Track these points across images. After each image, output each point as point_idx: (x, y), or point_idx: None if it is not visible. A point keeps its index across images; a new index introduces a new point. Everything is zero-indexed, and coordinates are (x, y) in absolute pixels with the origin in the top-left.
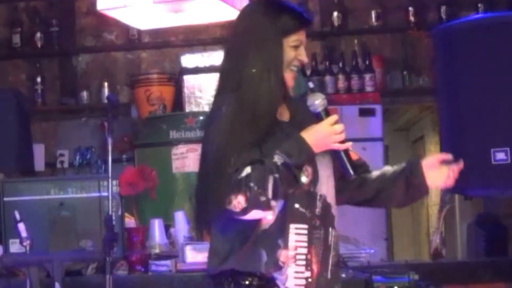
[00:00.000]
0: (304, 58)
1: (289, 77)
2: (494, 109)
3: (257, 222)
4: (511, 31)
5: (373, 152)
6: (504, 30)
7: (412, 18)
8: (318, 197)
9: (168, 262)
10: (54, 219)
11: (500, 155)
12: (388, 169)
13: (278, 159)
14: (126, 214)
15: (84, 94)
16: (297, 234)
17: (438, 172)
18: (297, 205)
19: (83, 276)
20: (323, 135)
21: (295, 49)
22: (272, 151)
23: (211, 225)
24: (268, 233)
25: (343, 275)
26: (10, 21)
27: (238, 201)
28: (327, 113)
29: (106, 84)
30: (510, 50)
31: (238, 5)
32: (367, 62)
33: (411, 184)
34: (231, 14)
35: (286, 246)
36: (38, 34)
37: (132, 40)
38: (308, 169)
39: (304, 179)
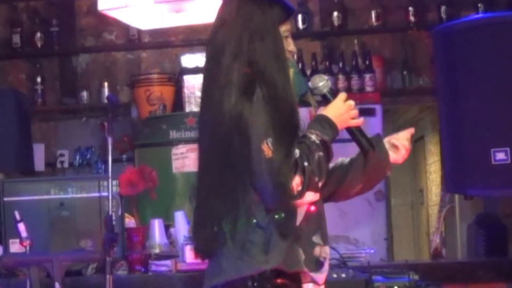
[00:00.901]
0: (293, 48)
1: None
2: (494, 109)
3: (290, 218)
4: (511, 31)
5: None
6: (504, 30)
7: (412, 18)
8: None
9: (168, 262)
10: (54, 219)
11: (500, 155)
12: (344, 159)
13: (315, 137)
14: (126, 214)
15: (84, 94)
16: (323, 232)
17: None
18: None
19: (83, 276)
20: (341, 111)
21: (285, 40)
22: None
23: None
24: (302, 229)
25: (343, 275)
26: (10, 21)
27: (296, 183)
28: (333, 93)
29: (106, 84)
30: (510, 50)
31: None
32: (367, 62)
33: (374, 161)
34: None
35: (325, 243)
36: (38, 34)
37: (132, 40)
38: None
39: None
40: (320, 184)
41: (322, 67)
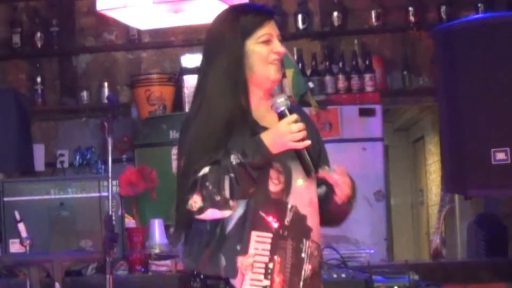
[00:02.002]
0: (280, 49)
1: (272, 71)
2: (494, 109)
3: (218, 226)
4: (511, 31)
5: (373, 152)
6: (504, 30)
7: (412, 18)
8: (289, 207)
9: (168, 262)
10: (54, 219)
11: (500, 155)
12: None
13: (233, 158)
14: (126, 214)
15: (84, 94)
16: (258, 242)
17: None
18: (262, 213)
19: (83, 276)
20: (279, 134)
21: (267, 44)
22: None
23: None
24: (228, 237)
25: (343, 275)
26: (10, 21)
27: (194, 200)
28: (290, 113)
29: (106, 84)
30: (510, 50)
31: None
32: (367, 62)
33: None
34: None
35: (245, 252)
36: (38, 34)
37: (132, 40)
38: (280, 178)
39: (272, 187)
40: (231, 203)
41: (322, 67)
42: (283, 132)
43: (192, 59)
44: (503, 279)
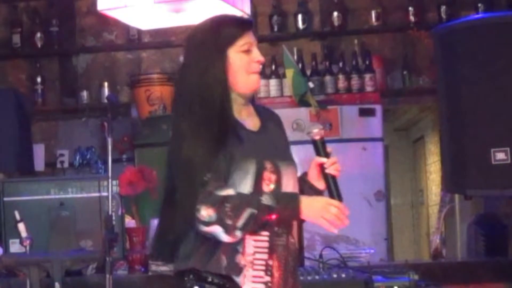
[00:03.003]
0: (260, 58)
1: (253, 80)
2: (494, 109)
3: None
4: (511, 31)
5: (373, 152)
6: (504, 30)
7: (412, 18)
8: None
9: None
10: (54, 219)
11: (500, 155)
12: None
13: (265, 198)
14: (126, 214)
15: (84, 94)
16: (255, 241)
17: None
18: None
19: (83, 276)
20: (318, 207)
21: (248, 53)
22: (240, 161)
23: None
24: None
25: (343, 275)
26: (10, 21)
27: (207, 213)
28: (323, 145)
29: (106, 84)
30: (510, 50)
31: (239, 5)
32: (367, 62)
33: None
34: (232, 13)
35: (244, 252)
36: (38, 34)
37: (132, 40)
38: (272, 178)
39: (265, 187)
40: (237, 234)
41: (322, 67)
42: (322, 208)
43: None
44: (503, 279)
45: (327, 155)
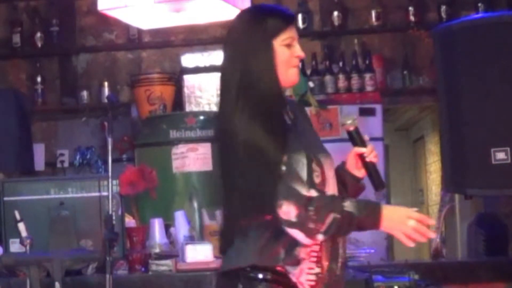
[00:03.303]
0: (301, 53)
1: (293, 74)
2: (494, 109)
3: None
4: (511, 31)
5: None
6: (504, 30)
7: (412, 18)
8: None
9: (168, 261)
10: (54, 218)
11: (500, 155)
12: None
13: (349, 205)
14: (126, 214)
15: (84, 94)
16: None
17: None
18: None
19: (83, 276)
20: (398, 219)
21: (289, 47)
22: (293, 153)
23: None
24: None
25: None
26: (10, 21)
27: (289, 211)
28: (359, 134)
29: (106, 84)
30: (510, 50)
31: (239, 5)
32: (367, 62)
33: (346, 184)
34: (232, 13)
35: (304, 244)
36: (38, 34)
37: (132, 39)
38: (317, 169)
39: (316, 179)
40: (320, 237)
41: (322, 67)
42: (400, 222)
43: (192, 59)
44: (503, 279)
45: (363, 144)
